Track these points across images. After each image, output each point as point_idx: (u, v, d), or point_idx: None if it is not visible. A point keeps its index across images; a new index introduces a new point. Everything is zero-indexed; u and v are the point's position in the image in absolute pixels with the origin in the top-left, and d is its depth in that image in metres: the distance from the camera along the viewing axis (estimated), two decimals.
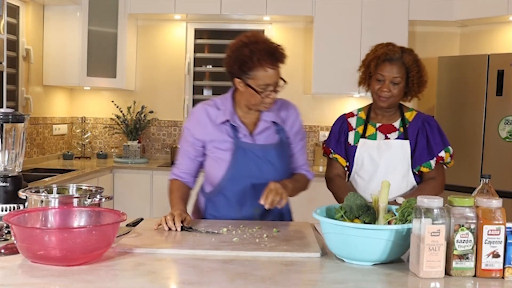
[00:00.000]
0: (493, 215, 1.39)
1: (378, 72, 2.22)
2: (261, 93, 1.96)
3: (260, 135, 2.07)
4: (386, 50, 2.23)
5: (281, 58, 1.98)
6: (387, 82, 2.21)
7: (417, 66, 2.25)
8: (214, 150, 2.07)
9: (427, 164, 2.23)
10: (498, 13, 4.21)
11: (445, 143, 2.26)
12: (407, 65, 2.22)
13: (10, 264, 1.42)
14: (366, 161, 2.26)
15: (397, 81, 2.20)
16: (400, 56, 2.22)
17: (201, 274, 1.40)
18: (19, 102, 4.05)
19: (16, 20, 4.01)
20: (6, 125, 1.74)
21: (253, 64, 1.94)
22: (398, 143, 2.24)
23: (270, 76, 1.95)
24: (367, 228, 1.46)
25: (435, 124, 2.27)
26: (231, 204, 2.07)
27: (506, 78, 3.80)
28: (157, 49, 4.93)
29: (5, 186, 1.70)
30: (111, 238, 1.46)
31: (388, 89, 2.21)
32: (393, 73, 2.20)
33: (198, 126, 2.09)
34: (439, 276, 1.37)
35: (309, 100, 4.81)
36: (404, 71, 2.22)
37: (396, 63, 2.20)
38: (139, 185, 4.34)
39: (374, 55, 2.25)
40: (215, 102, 2.13)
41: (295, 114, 2.17)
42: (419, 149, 2.23)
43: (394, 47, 2.25)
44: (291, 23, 4.83)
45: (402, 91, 2.24)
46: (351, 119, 2.37)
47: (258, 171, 2.04)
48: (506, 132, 3.81)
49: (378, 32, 4.42)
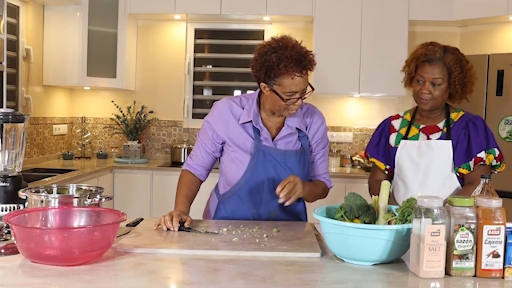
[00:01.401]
0: (493, 215, 1.39)
1: (418, 73, 2.17)
2: (286, 100, 1.91)
3: (282, 140, 2.04)
4: (426, 50, 2.17)
5: (310, 66, 1.90)
6: (427, 83, 2.14)
7: (460, 66, 2.16)
8: (234, 149, 2.04)
9: (466, 165, 2.14)
10: (498, 13, 4.21)
11: (490, 144, 2.15)
12: (448, 65, 2.14)
13: (10, 264, 1.42)
14: (406, 163, 2.20)
15: (438, 82, 2.13)
16: (441, 56, 2.14)
17: (201, 274, 1.40)
18: (19, 102, 4.05)
19: (16, 20, 4.01)
20: (6, 125, 1.74)
21: (279, 71, 1.87)
22: (439, 143, 2.16)
23: (296, 84, 1.89)
24: (367, 228, 1.46)
25: (481, 125, 2.18)
26: (246, 207, 2.06)
27: (506, 78, 3.80)
28: (157, 49, 4.93)
29: (5, 186, 1.70)
30: (111, 238, 1.46)
31: (428, 91, 2.14)
32: (433, 74, 2.13)
33: (220, 121, 2.06)
34: (439, 276, 1.37)
35: (309, 100, 4.79)
36: (446, 72, 2.14)
37: (436, 63, 2.13)
38: (139, 185, 4.34)
39: (414, 55, 2.20)
40: (241, 99, 2.09)
41: (320, 122, 2.12)
42: (459, 150, 2.15)
43: (434, 47, 2.17)
44: (291, 23, 4.83)
45: (444, 93, 2.16)
46: (396, 121, 2.32)
47: (276, 176, 2.02)
48: (506, 132, 3.81)
49: (378, 32, 4.42)
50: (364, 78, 4.44)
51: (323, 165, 2.14)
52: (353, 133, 4.81)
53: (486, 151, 2.15)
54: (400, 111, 2.41)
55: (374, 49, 4.42)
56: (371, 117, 4.84)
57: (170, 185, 2.39)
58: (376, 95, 4.59)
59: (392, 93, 4.49)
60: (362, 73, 4.43)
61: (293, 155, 2.03)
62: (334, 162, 4.71)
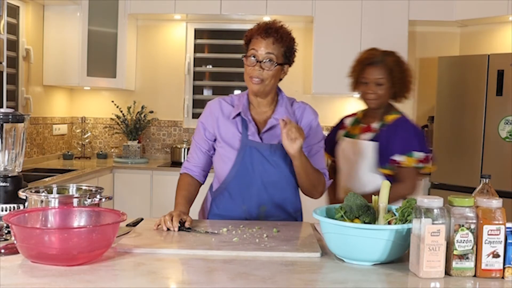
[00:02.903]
0: (493, 215, 1.39)
1: (363, 75, 2.38)
2: (247, 58, 1.99)
3: (268, 133, 2.05)
4: (368, 54, 2.41)
5: (276, 34, 1.97)
6: (372, 84, 2.36)
7: (400, 66, 2.39)
8: (222, 145, 2.06)
9: (386, 166, 2.32)
10: (498, 13, 4.21)
11: (410, 147, 2.31)
12: (389, 66, 2.35)
13: (10, 264, 1.42)
14: (341, 158, 2.46)
15: (380, 82, 2.35)
16: (381, 59, 2.36)
17: (201, 274, 1.40)
18: (19, 102, 4.05)
19: (16, 20, 4.01)
20: (6, 125, 1.73)
21: (251, 33, 2.01)
22: (365, 144, 2.37)
23: (256, 43, 1.97)
24: (367, 228, 1.46)
25: (407, 129, 2.36)
26: (236, 202, 2.06)
27: (506, 78, 3.80)
28: (157, 49, 4.93)
29: (5, 186, 1.70)
30: (111, 238, 1.46)
31: (372, 90, 2.36)
32: (376, 75, 2.35)
33: (210, 118, 2.10)
34: (439, 276, 1.37)
35: (309, 100, 4.74)
36: (387, 72, 2.35)
37: (378, 65, 2.36)
38: (139, 185, 4.34)
39: (358, 60, 2.44)
40: (232, 99, 2.13)
41: (311, 117, 2.11)
42: (381, 151, 2.33)
43: (376, 51, 2.41)
44: (291, 23, 4.77)
45: (388, 92, 2.37)
46: (348, 119, 2.54)
47: (264, 170, 2.03)
48: (506, 132, 3.82)
49: (378, 32, 4.42)
50: None
51: (320, 160, 2.10)
52: None
53: (405, 154, 2.30)
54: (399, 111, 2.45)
55: None
56: None
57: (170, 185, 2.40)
58: None
59: None
60: None
61: (279, 149, 2.03)
62: None
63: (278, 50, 1.98)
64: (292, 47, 2.04)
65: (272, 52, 1.97)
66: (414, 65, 4.80)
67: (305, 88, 4.80)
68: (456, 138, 4.09)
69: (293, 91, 4.70)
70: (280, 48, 1.99)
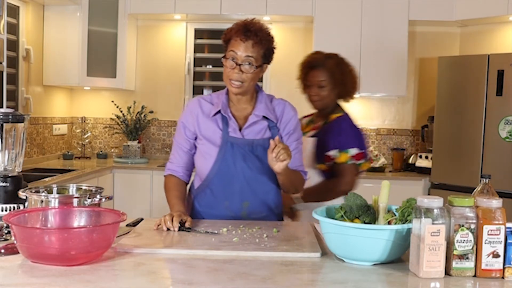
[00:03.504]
0: (493, 215, 1.39)
1: (306, 78, 2.50)
2: (226, 60, 1.98)
3: (249, 129, 2.06)
4: (310, 58, 2.52)
5: (255, 36, 1.96)
6: (314, 87, 2.48)
7: (340, 68, 2.49)
8: (203, 142, 2.07)
9: (321, 162, 2.43)
10: (498, 13, 4.21)
11: (344, 144, 2.41)
12: (330, 69, 2.46)
13: (10, 264, 1.42)
14: None
15: (323, 85, 2.46)
16: (322, 62, 2.47)
17: (201, 274, 1.40)
18: (19, 102, 4.05)
19: (16, 20, 4.01)
20: (6, 125, 1.73)
21: (230, 34, 2.01)
22: (307, 140, 2.46)
23: (236, 46, 1.97)
24: (367, 228, 1.46)
25: (344, 126, 2.45)
26: (218, 199, 2.06)
27: (506, 78, 3.80)
28: (157, 49, 4.93)
29: (5, 186, 1.70)
30: (111, 238, 1.46)
31: (315, 92, 2.48)
32: (318, 77, 2.46)
33: (190, 117, 2.10)
34: (439, 276, 1.37)
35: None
36: (328, 75, 2.46)
37: (319, 68, 2.46)
38: (139, 185, 4.34)
39: (302, 65, 2.54)
40: (211, 97, 2.14)
41: (291, 114, 2.13)
42: (319, 147, 2.45)
43: (318, 55, 2.52)
44: (291, 23, 4.84)
45: (330, 93, 2.48)
46: (306, 118, 2.66)
47: (246, 166, 2.03)
48: (506, 132, 3.81)
49: (378, 32, 4.43)
50: (364, 78, 4.43)
51: (298, 158, 2.12)
52: None
53: (339, 150, 2.41)
54: (399, 111, 2.47)
55: (374, 49, 4.43)
56: (371, 117, 4.84)
57: None
58: (376, 95, 4.59)
59: (392, 93, 4.49)
60: (362, 73, 4.42)
61: (260, 144, 2.04)
62: None
63: (258, 53, 1.98)
64: (271, 47, 2.04)
65: (251, 55, 1.97)
66: (414, 65, 4.81)
67: None
68: (456, 138, 4.09)
69: (293, 91, 4.68)
70: (260, 50, 1.99)
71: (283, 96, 2.18)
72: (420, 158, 4.50)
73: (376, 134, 4.85)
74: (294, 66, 2.23)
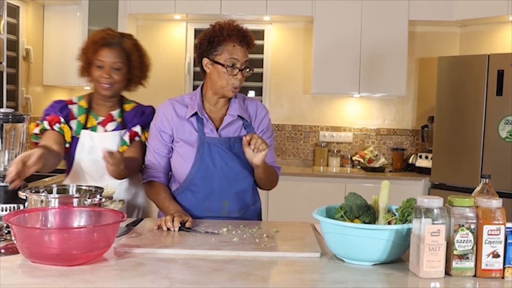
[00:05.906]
0: (493, 215, 1.39)
1: (97, 58, 2.14)
2: (227, 68, 1.97)
3: (225, 129, 2.07)
4: (104, 34, 2.17)
5: (250, 42, 2.02)
6: (108, 68, 2.14)
7: (138, 50, 2.23)
8: (180, 144, 2.06)
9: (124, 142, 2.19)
10: (498, 13, 4.21)
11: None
12: (127, 50, 2.18)
13: (10, 264, 1.42)
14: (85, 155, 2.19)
15: (117, 67, 2.15)
16: (119, 41, 2.17)
17: (201, 274, 1.40)
18: (19, 102, 4.05)
19: (16, 20, 4.01)
20: (6, 125, 1.74)
21: (222, 37, 1.97)
22: (115, 134, 2.20)
23: (237, 52, 1.97)
24: (367, 228, 1.46)
25: (149, 113, 2.23)
26: (199, 199, 2.06)
27: (506, 78, 3.80)
28: (157, 49, 4.93)
29: (5, 186, 1.70)
30: (111, 238, 1.46)
31: (109, 75, 2.15)
32: (113, 58, 2.14)
33: (165, 121, 2.08)
34: (439, 276, 1.37)
35: (309, 100, 4.80)
36: (125, 56, 2.17)
37: (115, 48, 2.15)
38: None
39: (92, 40, 2.18)
40: (183, 98, 2.12)
41: (264, 112, 2.17)
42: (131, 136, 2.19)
43: (113, 32, 2.21)
44: (291, 23, 4.83)
45: (124, 77, 2.19)
46: (72, 106, 2.29)
47: (225, 165, 2.04)
48: (506, 132, 3.82)
49: (378, 32, 4.43)
50: (364, 78, 4.44)
51: (271, 154, 2.16)
52: (353, 133, 4.81)
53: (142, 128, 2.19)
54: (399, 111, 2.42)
55: (374, 49, 4.43)
56: (371, 117, 4.84)
57: None
58: (376, 95, 4.59)
59: (392, 93, 4.49)
60: (362, 73, 4.43)
61: (238, 141, 2.05)
62: (334, 162, 4.72)
63: (248, 56, 2.04)
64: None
65: (248, 59, 2.03)
66: (414, 65, 4.81)
67: (305, 88, 4.79)
68: (456, 138, 4.09)
69: (293, 91, 4.72)
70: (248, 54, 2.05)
71: (283, 96, 2.19)
72: (420, 158, 4.50)
73: (376, 134, 4.85)
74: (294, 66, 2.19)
